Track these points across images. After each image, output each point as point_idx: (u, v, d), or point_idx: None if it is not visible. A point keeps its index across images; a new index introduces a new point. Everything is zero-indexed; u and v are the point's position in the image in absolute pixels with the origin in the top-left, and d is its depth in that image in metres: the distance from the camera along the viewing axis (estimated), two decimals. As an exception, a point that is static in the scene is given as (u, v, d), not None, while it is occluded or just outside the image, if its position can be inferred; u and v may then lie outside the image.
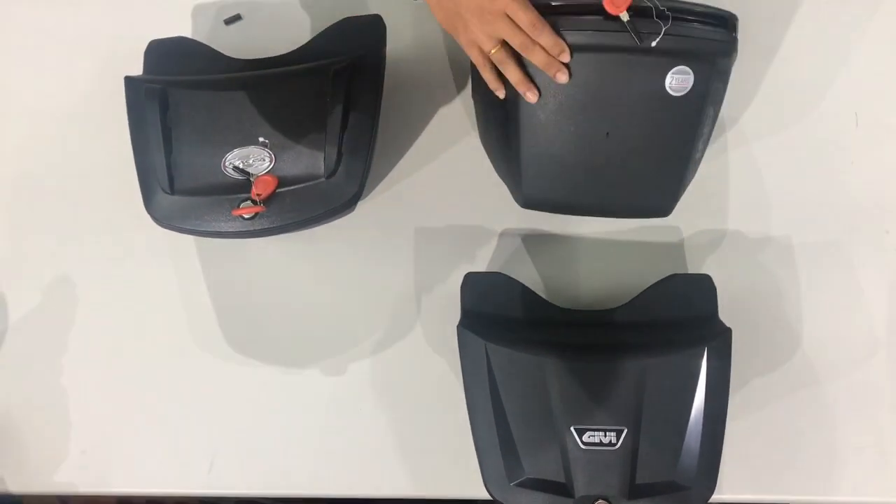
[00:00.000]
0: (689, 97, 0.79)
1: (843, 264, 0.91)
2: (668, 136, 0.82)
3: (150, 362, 0.96)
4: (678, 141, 0.83)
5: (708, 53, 0.79)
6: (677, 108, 0.80)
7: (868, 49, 0.96)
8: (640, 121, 0.81)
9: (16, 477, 0.94)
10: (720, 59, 0.80)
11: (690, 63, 0.78)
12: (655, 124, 0.81)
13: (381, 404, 0.92)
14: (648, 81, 0.79)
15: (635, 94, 0.79)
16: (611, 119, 0.81)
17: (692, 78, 0.78)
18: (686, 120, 0.81)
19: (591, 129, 0.81)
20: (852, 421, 0.88)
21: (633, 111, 0.80)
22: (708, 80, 0.79)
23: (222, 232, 0.87)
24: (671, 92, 0.79)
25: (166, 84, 0.90)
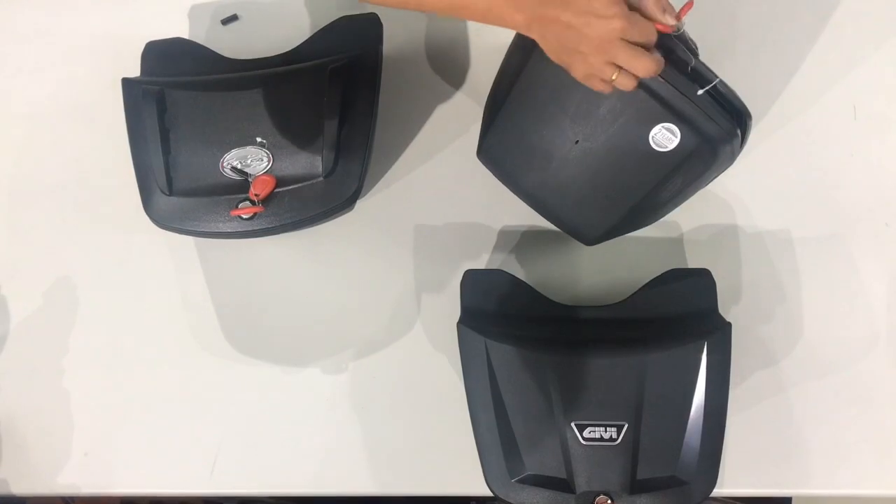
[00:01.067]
0: (664, 157, 0.78)
1: (842, 257, 0.91)
2: (624, 177, 0.82)
3: (152, 363, 0.96)
4: (630, 186, 0.82)
5: (705, 130, 0.76)
6: (648, 158, 0.78)
7: (866, 41, 0.96)
8: (610, 148, 0.80)
9: (19, 479, 0.95)
10: (714, 143, 0.77)
11: (682, 128, 0.76)
12: (620, 159, 0.80)
13: (382, 402, 0.92)
14: (638, 119, 0.77)
15: (620, 123, 0.78)
16: (588, 132, 0.80)
17: (677, 141, 0.77)
18: (648, 174, 0.80)
19: (567, 128, 0.81)
20: (853, 414, 0.88)
21: (609, 136, 0.80)
22: (691, 153, 0.77)
23: (221, 232, 0.87)
24: (651, 141, 0.77)
25: (164, 85, 0.90)
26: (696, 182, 0.82)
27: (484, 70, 0.99)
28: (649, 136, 0.77)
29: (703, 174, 0.81)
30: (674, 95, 0.74)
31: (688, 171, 0.80)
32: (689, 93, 0.74)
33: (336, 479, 0.91)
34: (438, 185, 0.97)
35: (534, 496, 0.79)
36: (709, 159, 0.79)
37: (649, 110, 0.76)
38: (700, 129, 0.76)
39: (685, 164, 0.78)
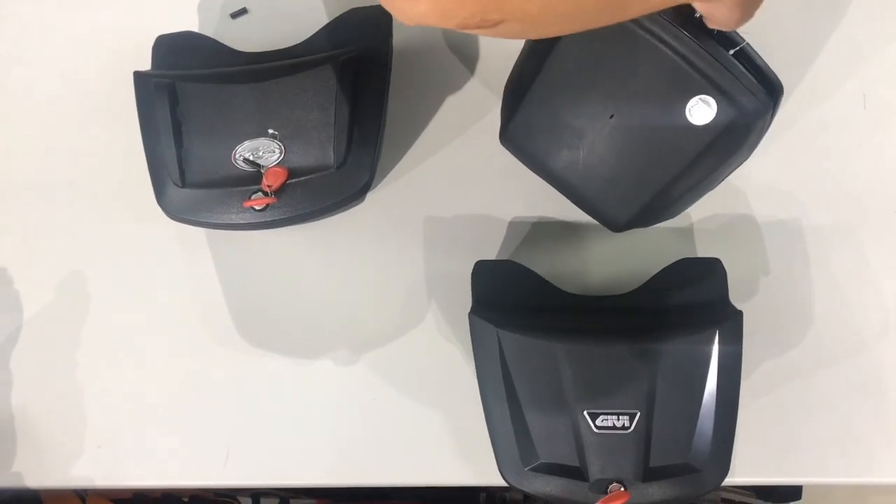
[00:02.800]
0: (700, 132, 0.76)
1: (852, 246, 0.92)
2: (658, 153, 0.80)
3: (164, 355, 0.96)
4: (664, 164, 0.80)
5: (741, 103, 0.74)
6: (684, 133, 0.76)
7: (875, 30, 0.96)
8: (645, 123, 0.78)
9: (33, 472, 0.95)
10: (749, 117, 0.75)
11: (720, 99, 0.74)
12: (655, 134, 0.79)
13: (394, 393, 0.92)
14: (674, 91, 0.75)
15: (656, 95, 0.77)
16: (623, 106, 0.79)
17: (713, 114, 0.75)
18: (683, 151, 0.78)
19: (601, 102, 0.79)
20: (864, 402, 0.88)
21: (645, 110, 0.78)
22: (726, 128, 0.75)
23: (234, 224, 0.87)
24: (688, 114, 0.75)
25: (175, 78, 0.90)
26: (728, 161, 0.81)
27: (494, 61, 0.99)
28: (686, 109, 0.75)
29: (737, 152, 0.80)
30: (711, 65, 0.73)
31: (722, 149, 0.78)
32: (726, 63, 0.73)
33: (348, 470, 0.92)
34: (449, 176, 0.97)
35: (547, 484, 0.79)
36: (743, 135, 0.77)
37: (686, 81, 0.74)
38: (737, 101, 0.74)
39: (719, 140, 0.76)
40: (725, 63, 0.73)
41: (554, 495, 0.79)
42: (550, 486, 0.79)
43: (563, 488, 0.79)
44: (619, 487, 0.77)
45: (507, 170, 0.94)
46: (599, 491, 0.78)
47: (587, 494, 0.78)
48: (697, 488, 0.78)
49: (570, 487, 0.79)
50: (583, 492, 0.78)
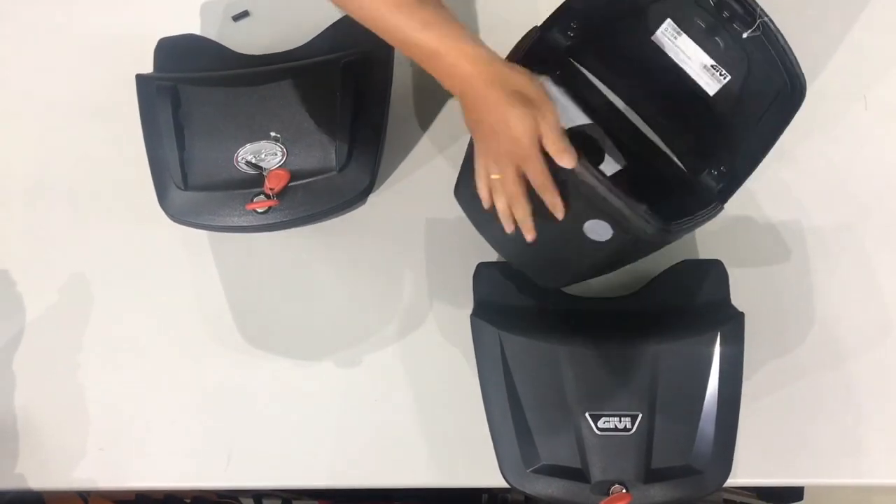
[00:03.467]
0: (602, 244, 0.76)
1: (854, 247, 0.92)
2: (571, 254, 0.81)
3: (166, 357, 0.96)
4: (576, 262, 0.82)
5: (635, 231, 0.74)
6: (587, 244, 0.77)
7: (876, 31, 0.96)
8: (556, 231, 0.78)
9: (36, 473, 0.95)
10: (647, 238, 0.75)
11: (614, 226, 0.75)
12: (564, 240, 0.79)
13: (396, 395, 0.92)
14: (574, 213, 0.75)
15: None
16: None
17: (610, 234, 0.75)
18: (588, 256, 0.79)
19: None
20: (866, 403, 0.88)
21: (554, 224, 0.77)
22: (626, 242, 0.76)
23: (236, 226, 0.88)
24: (586, 231, 0.76)
25: (177, 81, 0.91)
26: (643, 251, 0.83)
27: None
28: (583, 227, 0.76)
29: (647, 250, 0.82)
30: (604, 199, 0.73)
31: (628, 251, 0.79)
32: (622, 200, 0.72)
33: (350, 472, 0.92)
34: (450, 179, 0.96)
35: (549, 486, 0.79)
36: (646, 246, 0.79)
37: (583, 207, 0.74)
38: (629, 230, 0.74)
39: (624, 248, 0.77)
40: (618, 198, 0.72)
41: (555, 497, 0.79)
42: (552, 488, 0.79)
43: (564, 490, 0.79)
44: (621, 489, 0.78)
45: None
46: (601, 492, 0.78)
47: (589, 496, 0.78)
48: (699, 490, 0.78)
49: (571, 489, 0.79)
50: (584, 493, 0.78)
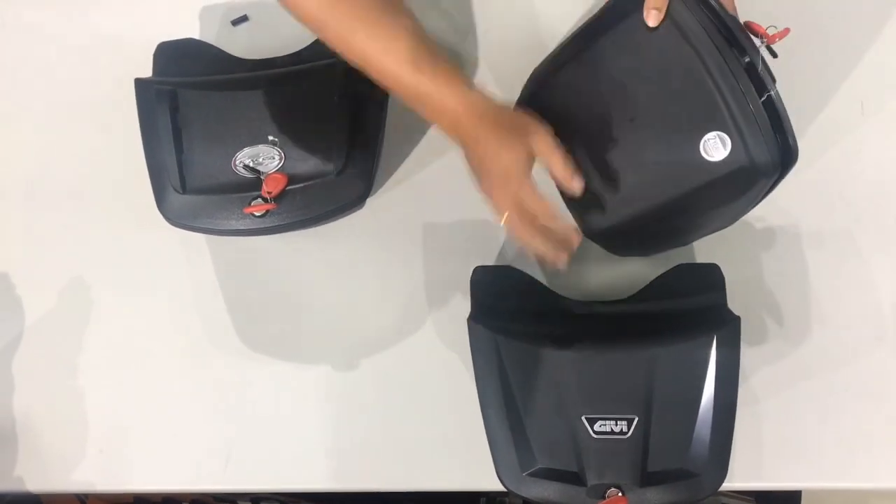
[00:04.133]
0: (707, 168, 0.75)
1: (851, 252, 0.92)
2: (661, 176, 0.79)
3: (165, 361, 0.97)
4: (663, 188, 0.79)
5: (755, 154, 0.73)
6: (690, 162, 0.75)
7: (873, 36, 0.96)
8: (661, 138, 0.78)
9: (35, 476, 0.95)
10: (757, 171, 0.74)
11: (735, 141, 0.73)
12: (664, 152, 0.77)
13: (394, 398, 0.92)
14: (698, 118, 0.75)
15: (680, 114, 0.76)
16: (642, 113, 0.78)
17: (725, 153, 0.74)
18: (683, 181, 0.77)
19: (620, 106, 0.79)
20: (862, 407, 0.88)
21: (665, 122, 0.77)
22: (729, 175, 0.74)
23: (234, 230, 0.88)
24: (702, 147, 0.74)
25: (176, 85, 0.91)
26: (721, 208, 0.80)
27: (493, 68, 1.00)
28: (701, 140, 0.75)
29: (733, 202, 0.79)
30: (742, 107, 0.73)
31: (720, 193, 0.77)
32: (756, 111, 0.73)
33: (348, 475, 0.92)
34: (448, 182, 0.97)
35: (545, 489, 0.79)
36: (744, 186, 0.76)
37: (713, 113, 0.74)
38: (752, 152, 0.73)
39: (720, 183, 0.75)
40: (756, 111, 0.73)
41: (552, 500, 0.79)
42: (548, 491, 0.79)
43: (560, 493, 0.79)
44: (617, 492, 0.78)
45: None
46: (597, 496, 0.78)
47: (585, 499, 0.78)
48: (695, 493, 0.78)
49: (567, 492, 0.79)
50: (580, 497, 0.78)
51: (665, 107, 0.77)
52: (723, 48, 0.73)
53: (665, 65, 0.76)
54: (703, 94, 0.74)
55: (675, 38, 0.75)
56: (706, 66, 0.73)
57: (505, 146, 0.71)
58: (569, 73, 0.82)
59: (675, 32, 0.75)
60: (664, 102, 0.77)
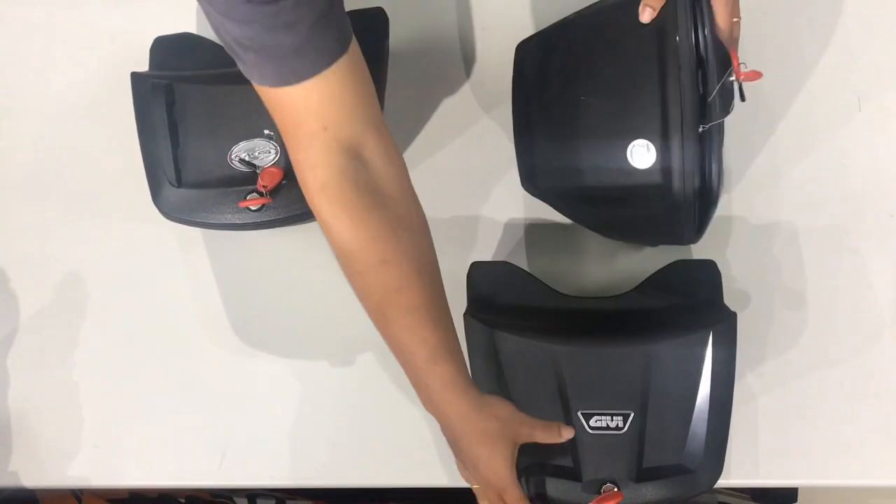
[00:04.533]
0: (632, 172, 0.77)
1: (848, 248, 0.92)
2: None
3: (161, 356, 0.97)
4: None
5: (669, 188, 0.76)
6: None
7: (870, 32, 0.96)
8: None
9: (30, 471, 0.96)
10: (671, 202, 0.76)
11: (658, 154, 0.76)
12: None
13: (390, 394, 0.92)
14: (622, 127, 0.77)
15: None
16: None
17: (649, 163, 0.76)
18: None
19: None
20: (860, 404, 0.88)
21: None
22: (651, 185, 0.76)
23: (230, 224, 0.88)
24: (629, 154, 0.76)
25: (172, 79, 0.91)
26: (639, 215, 0.82)
27: (490, 65, 1.00)
28: (631, 143, 0.76)
29: (646, 213, 0.81)
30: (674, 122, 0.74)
31: (635, 199, 0.79)
32: (687, 131, 0.74)
33: (343, 471, 0.92)
34: (444, 178, 0.97)
35: (540, 484, 0.79)
36: (658, 205, 0.78)
37: (648, 119, 0.76)
38: (670, 172, 0.75)
39: (638, 190, 0.78)
40: (686, 136, 0.73)
41: (547, 495, 0.79)
42: (544, 486, 0.79)
43: (556, 488, 0.79)
44: (613, 488, 0.78)
45: (504, 172, 0.94)
46: (593, 491, 0.78)
47: (580, 494, 0.78)
48: (690, 489, 0.78)
49: (563, 487, 0.79)
50: (576, 492, 0.78)
51: (615, 98, 0.78)
52: (686, 66, 0.74)
53: (631, 59, 0.77)
54: (651, 100, 0.75)
55: (651, 40, 0.76)
56: (662, 77, 0.75)
57: (495, 455, 0.72)
58: (560, 34, 0.84)
59: (654, 35, 0.76)
60: (615, 93, 0.78)
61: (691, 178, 0.74)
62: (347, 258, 0.69)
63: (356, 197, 0.66)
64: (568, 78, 0.81)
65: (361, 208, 0.67)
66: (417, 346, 0.71)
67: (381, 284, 0.69)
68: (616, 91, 0.78)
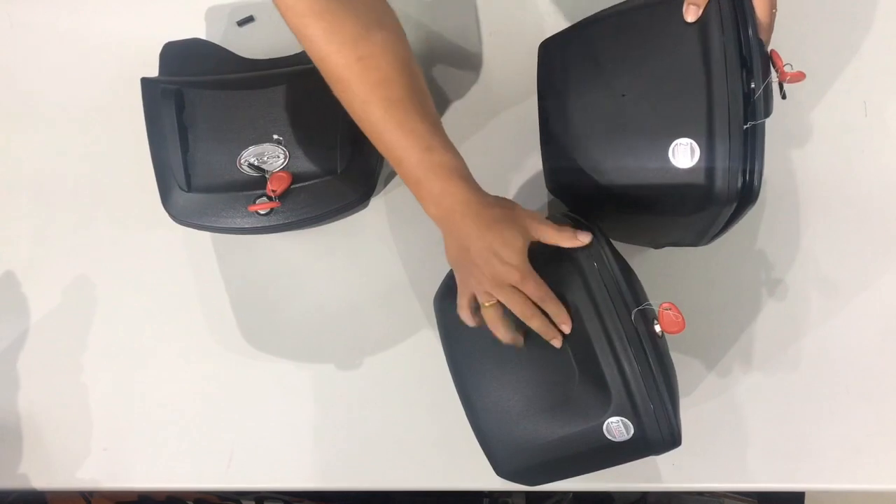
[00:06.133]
0: (673, 172, 0.75)
1: (853, 254, 0.91)
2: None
3: (169, 359, 0.97)
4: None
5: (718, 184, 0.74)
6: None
7: (876, 37, 0.96)
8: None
9: (39, 474, 0.96)
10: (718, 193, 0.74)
11: (702, 152, 0.74)
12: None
13: (397, 397, 0.93)
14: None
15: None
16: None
17: (692, 163, 0.75)
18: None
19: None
20: (867, 408, 0.88)
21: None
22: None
23: (238, 228, 0.88)
24: (671, 153, 0.75)
25: (182, 84, 0.91)
26: (666, 216, 0.81)
27: (495, 68, 1.00)
28: (674, 142, 0.75)
29: (678, 215, 0.79)
30: (723, 120, 0.73)
31: (670, 200, 0.78)
32: (735, 129, 0.73)
33: (351, 474, 0.92)
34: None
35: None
36: (695, 205, 0.76)
37: (694, 119, 0.75)
38: (714, 170, 0.74)
39: (675, 191, 0.76)
40: (734, 134, 0.73)
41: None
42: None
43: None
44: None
45: (511, 174, 0.94)
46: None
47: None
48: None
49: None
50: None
51: (656, 96, 0.77)
52: (732, 65, 0.74)
53: (675, 58, 0.76)
54: (695, 99, 0.74)
55: (695, 38, 0.75)
56: (708, 74, 0.74)
57: (502, 239, 0.72)
58: (592, 31, 0.83)
59: (698, 35, 0.75)
60: (658, 91, 0.77)
61: (735, 178, 0.74)
62: (327, 63, 0.71)
63: (328, 3, 0.69)
64: (604, 76, 0.80)
65: (334, 10, 0.69)
66: (410, 139, 0.71)
67: (363, 81, 0.71)
68: (658, 89, 0.77)
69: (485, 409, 0.80)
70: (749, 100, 0.74)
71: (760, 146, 0.75)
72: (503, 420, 0.79)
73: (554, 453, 0.78)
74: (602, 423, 0.75)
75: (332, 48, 0.70)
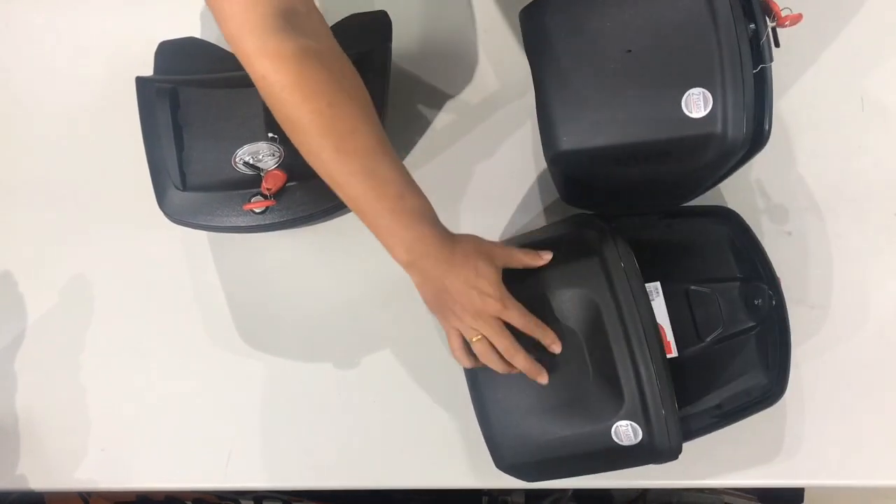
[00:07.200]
0: (686, 123, 0.75)
1: (851, 248, 0.91)
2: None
3: (167, 359, 0.97)
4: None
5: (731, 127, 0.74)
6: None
7: (872, 31, 0.96)
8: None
9: (38, 474, 0.96)
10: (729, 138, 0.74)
11: (715, 100, 0.74)
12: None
13: (395, 396, 0.92)
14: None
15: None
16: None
17: (706, 111, 0.74)
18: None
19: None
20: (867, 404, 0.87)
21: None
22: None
23: (233, 226, 0.88)
24: (683, 104, 0.74)
25: (177, 83, 0.91)
26: (677, 168, 0.80)
27: (492, 67, 1.00)
28: (686, 93, 0.74)
29: (690, 165, 0.79)
30: (735, 68, 0.73)
31: (683, 152, 0.78)
32: (746, 75, 0.73)
33: (350, 473, 0.92)
34: (447, 182, 0.97)
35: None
36: (708, 154, 0.76)
37: (705, 68, 0.74)
38: (728, 118, 0.74)
39: (687, 142, 0.76)
40: (746, 80, 0.73)
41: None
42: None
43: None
44: None
45: (507, 174, 0.94)
46: None
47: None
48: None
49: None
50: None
51: (664, 49, 0.76)
52: (737, 11, 0.74)
53: (678, 9, 0.76)
54: (705, 48, 0.74)
55: None
56: (715, 23, 0.74)
57: (482, 273, 0.73)
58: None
59: None
60: (665, 44, 0.76)
61: (749, 123, 0.74)
62: (297, 110, 0.69)
63: (297, 51, 0.68)
64: (604, 34, 0.79)
65: (302, 59, 0.68)
66: (383, 186, 0.71)
67: (333, 129, 0.70)
68: (665, 42, 0.76)
69: (493, 400, 0.79)
70: (756, 44, 0.74)
71: (769, 89, 0.75)
72: (510, 412, 0.79)
73: (558, 451, 0.78)
74: (611, 426, 0.75)
75: (301, 96, 0.69)
